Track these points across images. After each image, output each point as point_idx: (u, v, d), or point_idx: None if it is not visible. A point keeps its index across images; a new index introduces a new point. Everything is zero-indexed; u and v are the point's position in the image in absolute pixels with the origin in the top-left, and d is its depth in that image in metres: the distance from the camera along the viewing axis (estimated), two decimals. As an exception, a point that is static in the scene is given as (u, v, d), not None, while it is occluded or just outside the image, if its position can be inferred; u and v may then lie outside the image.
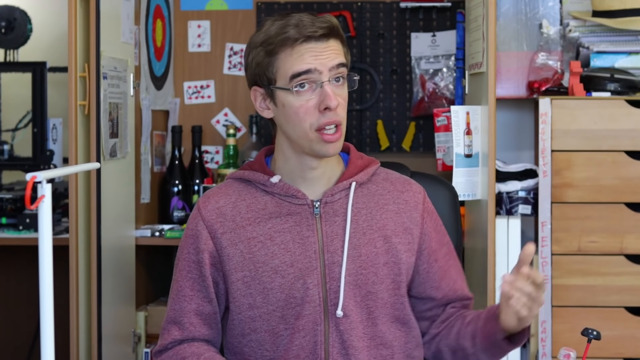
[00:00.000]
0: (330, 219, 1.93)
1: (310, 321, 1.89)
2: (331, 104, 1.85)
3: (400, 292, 1.95)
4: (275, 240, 1.91)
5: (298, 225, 1.91)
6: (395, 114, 3.77)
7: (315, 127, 1.87)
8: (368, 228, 1.94)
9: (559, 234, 2.96)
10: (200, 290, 1.95)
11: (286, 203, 1.93)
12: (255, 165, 1.98)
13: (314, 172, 1.94)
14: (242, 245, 1.92)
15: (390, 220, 1.96)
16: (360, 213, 1.94)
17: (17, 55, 4.02)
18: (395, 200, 1.98)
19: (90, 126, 2.85)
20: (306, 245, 1.90)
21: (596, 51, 3.10)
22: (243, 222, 1.93)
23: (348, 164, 1.99)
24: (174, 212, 3.57)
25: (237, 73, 3.81)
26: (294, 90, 1.86)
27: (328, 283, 1.90)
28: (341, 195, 1.95)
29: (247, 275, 1.91)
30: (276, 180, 1.93)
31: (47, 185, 1.50)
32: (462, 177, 2.90)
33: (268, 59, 1.89)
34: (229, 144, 3.59)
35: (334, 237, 1.92)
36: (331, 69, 1.87)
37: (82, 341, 2.84)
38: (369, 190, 1.98)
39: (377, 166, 2.02)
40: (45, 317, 1.51)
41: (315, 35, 1.86)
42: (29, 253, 3.11)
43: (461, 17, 3.40)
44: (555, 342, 2.94)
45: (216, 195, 1.97)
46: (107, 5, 2.90)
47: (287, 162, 1.95)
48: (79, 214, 2.82)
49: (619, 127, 2.95)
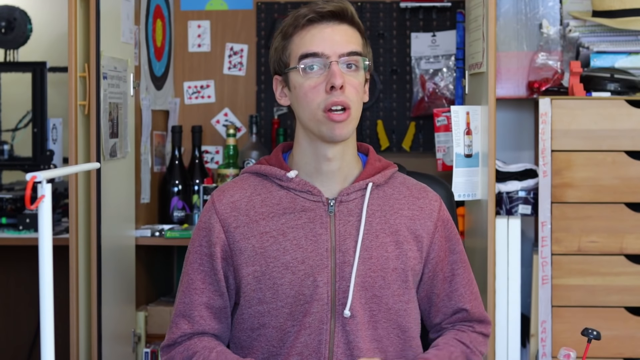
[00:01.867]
0: (344, 218, 1.92)
1: (317, 319, 1.89)
2: (336, 82, 1.85)
3: (404, 298, 1.95)
4: (288, 236, 1.91)
5: (311, 222, 1.91)
6: (395, 114, 3.77)
7: (322, 107, 1.87)
8: (381, 231, 1.94)
9: (559, 234, 2.96)
10: (212, 284, 1.95)
11: (301, 199, 1.93)
12: (272, 159, 1.98)
13: (329, 164, 1.93)
14: (254, 240, 1.92)
15: (403, 225, 1.96)
16: (375, 215, 1.94)
17: (17, 55, 4.02)
18: (411, 206, 1.98)
19: (90, 126, 2.85)
20: (318, 243, 1.90)
21: (596, 51, 3.10)
22: (257, 216, 1.93)
23: (366, 165, 1.99)
24: (174, 212, 3.57)
25: (237, 73, 3.81)
26: (300, 69, 1.88)
27: (338, 282, 1.90)
28: (357, 195, 1.94)
29: (258, 270, 1.91)
30: (293, 175, 1.93)
31: (47, 185, 1.50)
32: (462, 177, 2.90)
33: (283, 42, 1.92)
34: (229, 144, 3.58)
35: (347, 237, 1.91)
36: (341, 55, 1.88)
37: (82, 341, 2.84)
38: (385, 193, 1.98)
39: (395, 169, 2.02)
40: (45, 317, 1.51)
41: (323, 12, 1.88)
42: (29, 253, 3.11)
43: (461, 17, 3.40)
44: (555, 342, 2.94)
45: (231, 189, 1.98)
46: (107, 5, 2.90)
47: (303, 154, 1.95)
48: (79, 214, 2.82)
49: (619, 127, 2.95)
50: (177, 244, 3.39)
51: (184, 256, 3.96)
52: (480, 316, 2.04)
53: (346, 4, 1.91)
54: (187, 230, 3.36)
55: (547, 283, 2.95)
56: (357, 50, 1.90)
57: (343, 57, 1.88)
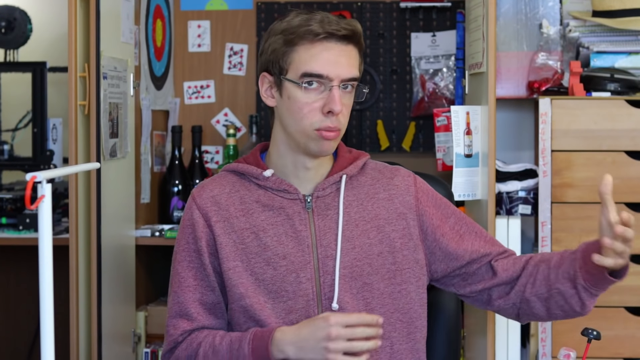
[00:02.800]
0: (323, 213, 1.94)
1: (303, 315, 1.89)
2: (335, 108, 1.87)
3: (396, 280, 1.95)
4: (268, 233, 1.92)
5: (291, 219, 1.93)
6: (395, 114, 3.76)
7: (315, 127, 1.89)
8: (360, 219, 1.95)
9: (559, 234, 2.95)
10: (203, 279, 1.95)
11: (278, 197, 1.94)
12: (249, 159, 2.00)
13: (307, 172, 1.96)
14: (235, 235, 1.92)
15: (382, 208, 1.97)
16: (352, 205, 1.95)
17: (17, 55, 4.02)
18: (385, 187, 1.99)
19: (90, 126, 2.85)
20: (299, 239, 1.91)
21: (596, 51, 3.10)
22: (236, 212, 1.94)
23: (337, 157, 2.00)
24: (174, 212, 3.57)
25: (237, 73, 3.81)
26: (303, 86, 1.89)
27: (322, 277, 1.90)
28: (332, 189, 1.96)
29: (239, 266, 1.91)
30: (269, 174, 1.95)
31: (47, 185, 1.50)
32: (462, 177, 2.90)
33: (285, 48, 1.91)
34: (229, 144, 3.58)
35: (327, 231, 1.92)
36: (343, 80, 1.89)
37: (82, 341, 2.84)
38: (359, 182, 1.99)
39: (366, 158, 2.03)
40: (45, 317, 1.51)
41: (337, 34, 1.88)
42: (29, 253, 3.11)
43: (461, 17, 3.40)
44: (555, 342, 2.94)
45: (210, 184, 1.99)
46: (107, 5, 2.90)
47: (280, 157, 1.96)
48: (79, 214, 2.82)
49: (619, 127, 2.94)
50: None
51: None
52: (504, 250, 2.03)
53: (357, 25, 1.92)
54: (187, 230, 3.36)
55: (547, 283, 2.95)
56: (357, 76, 1.92)
57: (344, 81, 1.90)
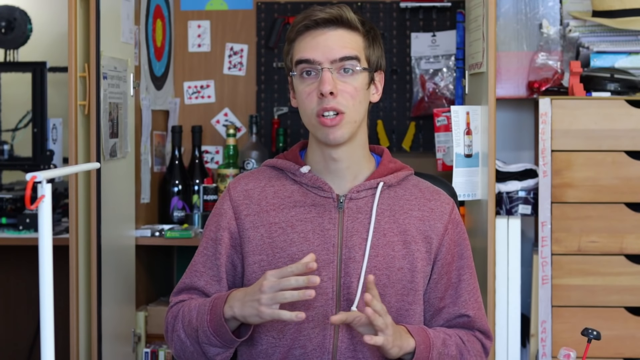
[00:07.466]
0: (353, 215, 1.94)
1: (321, 314, 1.90)
2: (323, 88, 1.87)
3: (409, 299, 1.95)
4: (296, 229, 1.93)
5: (320, 217, 1.94)
6: (395, 114, 3.76)
7: (315, 113, 1.90)
8: (389, 230, 1.95)
9: (559, 234, 2.95)
10: (211, 268, 1.98)
11: (312, 194, 1.96)
12: (289, 155, 2.02)
13: (336, 164, 1.96)
14: (263, 229, 1.94)
15: (412, 226, 1.96)
16: (384, 214, 1.96)
17: (17, 55, 4.02)
18: (421, 207, 1.99)
19: (90, 126, 2.85)
20: (325, 238, 1.92)
21: (596, 51, 3.10)
22: (268, 206, 1.96)
23: (379, 165, 2.01)
24: (174, 212, 3.57)
25: (237, 73, 3.81)
26: (298, 75, 1.92)
27: (343, 278, 1.91)
28: (367, 194, 1.96)
29: (264, 260, 1.93)
30: (306, 171, 1.97)
31: (47, 185, 1.50)
32: (462, 177, 2.90)
33: (288, 46, 1.96)
34: (229, 144, 3.58)
35: (354, 234, 1.93)
36: (333, 61, 1.89)
37: (82, 341, 2.84)
38: (396, 194, 1.99)
39: (409, 172, 2.03)
40: (45, 317, 1.50)
41: (320, 21, 1.90)
42: (29, 253, 3.11)
43: (461, 17, 3.40)
44: (555, 342, 2.94)
45: (247, 177, 2.02)
46: (107, 5, 2.90)
47: (314, 153, 1.98)
48: (79, 214, 2.82)
49: (619, 127, 2.95)
50: (177, 244, 3.39)
51: (184, 256, 3.98)
52: (482, 327, 2.03)
53: (343, 9, 1.92)
54: (187, 230, 3.36)
55: (547, 283, 2.95)
56: (351, 54, 1.91)
57: (335, 62, 1.90)
